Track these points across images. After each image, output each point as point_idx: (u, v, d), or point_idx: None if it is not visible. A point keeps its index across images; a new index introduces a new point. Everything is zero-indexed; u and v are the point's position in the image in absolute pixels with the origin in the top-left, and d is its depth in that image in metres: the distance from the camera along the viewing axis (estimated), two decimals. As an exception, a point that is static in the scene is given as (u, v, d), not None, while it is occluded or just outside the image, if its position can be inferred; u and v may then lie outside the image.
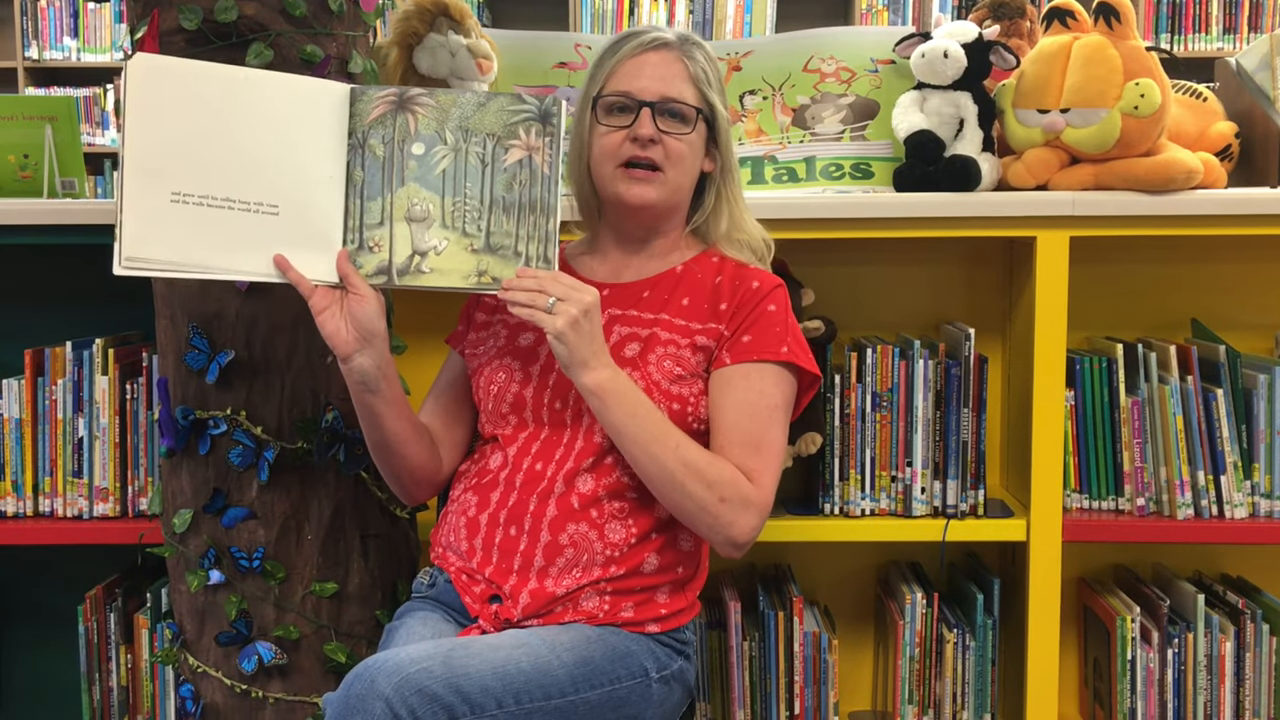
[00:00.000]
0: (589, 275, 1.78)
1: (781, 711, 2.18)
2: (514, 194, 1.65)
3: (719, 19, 5.33)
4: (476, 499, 1.71)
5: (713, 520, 1.61)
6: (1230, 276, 2.33)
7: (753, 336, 1.70)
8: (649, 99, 1.70)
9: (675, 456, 1.60)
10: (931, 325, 2.34)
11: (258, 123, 1.63)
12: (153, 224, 1.59)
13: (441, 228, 1.65)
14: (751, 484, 1.64)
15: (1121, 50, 2.06)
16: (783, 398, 1.70)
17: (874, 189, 2.21)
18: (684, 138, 1.71)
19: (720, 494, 1.61)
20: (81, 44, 5.67)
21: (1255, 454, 2.14)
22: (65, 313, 2.36)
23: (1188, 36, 5.30)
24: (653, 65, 1.71)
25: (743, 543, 1.64)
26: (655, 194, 1.71)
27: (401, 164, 1.65)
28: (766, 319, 1.71)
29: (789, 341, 1.71)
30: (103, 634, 2.20)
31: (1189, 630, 2.16)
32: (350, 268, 1.64)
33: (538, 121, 1.66)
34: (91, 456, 2.15)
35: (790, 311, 1.76)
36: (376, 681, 1.43)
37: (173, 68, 1.63)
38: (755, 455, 1.66)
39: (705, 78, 1.73)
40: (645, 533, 1.66)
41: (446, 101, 1.66)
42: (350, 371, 1.65)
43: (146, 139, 1.59)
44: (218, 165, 1.62)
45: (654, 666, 1.65)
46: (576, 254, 1.84)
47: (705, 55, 1.75)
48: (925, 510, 2.15)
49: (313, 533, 1.90)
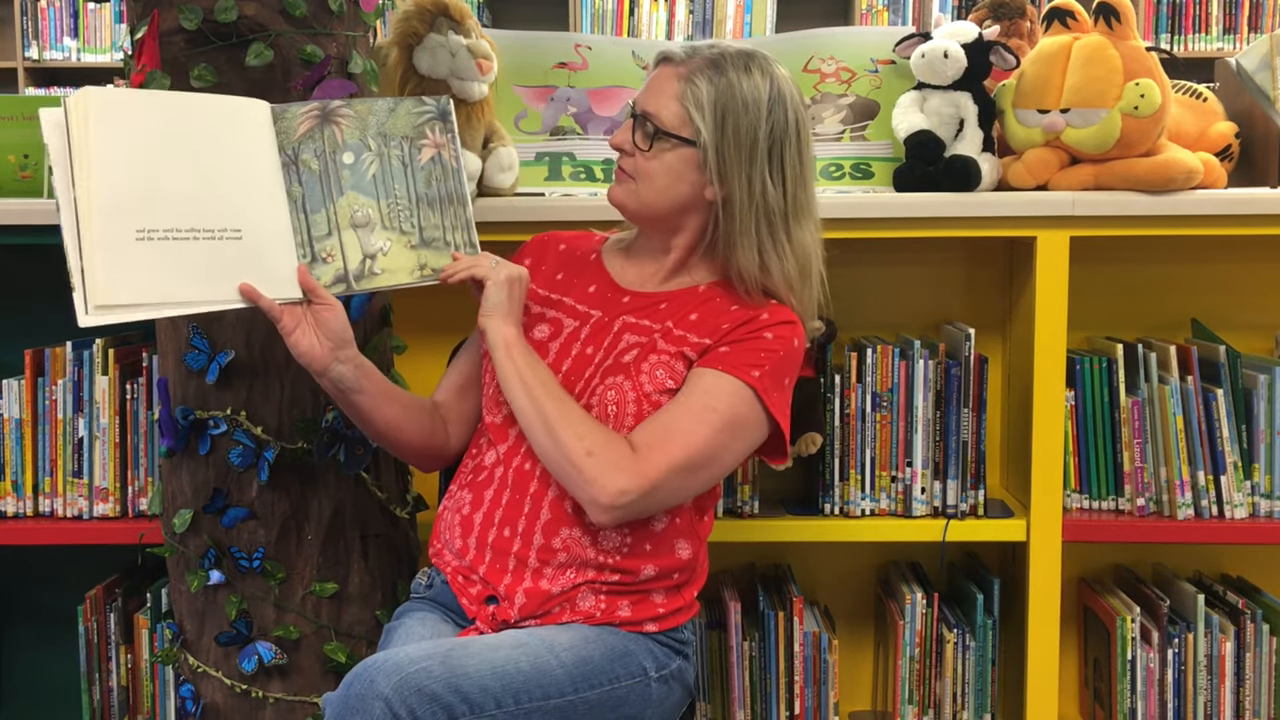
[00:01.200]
0: (616, 275, 1.77)
1: (781, 711, 2.18)
2: (433, 189, 1.74)
3: (719, 19, 5.33)
4: (471, 496, 1.71)
5: (576, 473, 1.56)
6: (1230, 276, 2.33)
7: (730, 350, 1.64)
8: (636, 110, 1.70)
9: (556, 407, 1.59)
10: (931, 325, 2.34)
11: (202, 148, 1.61)
12: (119, 266, 1.53)
13: (383, 229, 1.70)
14: (634, 454, 1.57)
15: (1121, 50, 2.06)
16: (727, 409, 1.60)
17: (874, 189, 2.21)
18: (650, 155, 1.66)
19: (588, 447, 1.56)
20: (81, 44, 5.67)
21: (1255, 454, 2.14)
22: (65, 313, 2.31)
23: (1188, 36, 5.30)
24: (655, 79, 1.70)
25: (605, 504, 1.55)
26: (623, 197, 1.71)
27: (336, 174, 1.69)
28: (755, 342, 1.64)
29: (767, 374, 1.62)
30: (103, 634, 2.20)
31: (1189, 630, 2.16)
32: (313, 280, 1.65)
33: (439, 120, 1.75)
34: (91, 456, 2.15)
35: (791, 358, 1.67)
36: (376, 681, 1.43)
37: (125, 100, 1.59)
38: (659, 436, 1.59)
39: (702, 104, 1.63)
40: (641, 542, 1.65)
41: (363, 110, 1.72)
42: (331, 383, 1.66)
43: (112, 177, 1.53)
44: (179, 196, 1.58)
45: (653, 666, 1.65)
46: (612, 249, 1.82)
47: (722, 82, 1.64)
48: (925, 510, 2.15)
49: (313, 533, 1.90)
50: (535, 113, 2.27)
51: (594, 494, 1.56)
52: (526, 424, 1.61)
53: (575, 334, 1.72)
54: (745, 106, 1.64)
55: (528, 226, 2.02)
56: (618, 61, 2.29)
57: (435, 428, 1.79)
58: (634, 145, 1.68)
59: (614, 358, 1.67)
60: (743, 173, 1.64)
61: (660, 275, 1.74)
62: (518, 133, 2.24)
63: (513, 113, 2.26)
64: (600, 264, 1.79)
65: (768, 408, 1.63)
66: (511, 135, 2.18)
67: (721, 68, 1.65)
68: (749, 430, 1.64)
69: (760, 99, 1.64)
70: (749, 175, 1.65)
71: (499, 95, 2.18)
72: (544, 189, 2.23)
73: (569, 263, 1.81)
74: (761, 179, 1.65)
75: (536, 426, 1.60)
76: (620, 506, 1.56)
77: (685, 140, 1.65)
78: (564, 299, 1.76)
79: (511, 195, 2.12)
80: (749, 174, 1.65)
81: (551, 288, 1.79)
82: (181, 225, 1.57)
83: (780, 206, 1.66)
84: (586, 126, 2.27)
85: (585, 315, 1.73)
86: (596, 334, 1.71)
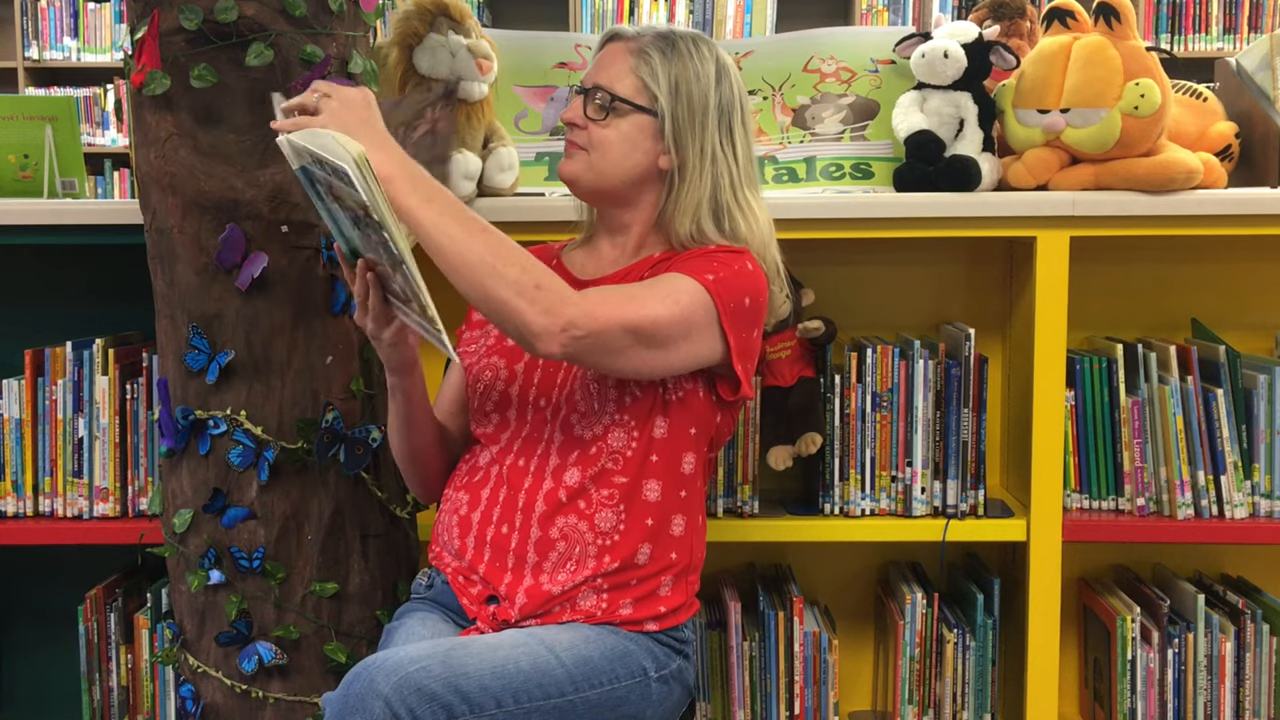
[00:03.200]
0: (577, 272, 1.79)
1: (781, 711, 2.18)
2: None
3: (719, 19, 5.33)
4: (468, 497, 1.71)
5: (527, 304, 1.51)
6: (1230, 276, 2.33)
7: (686, 260, 1.68)
8: (585, 85, 1.75)
9: (486, 240, 1.53)
10: (931, 325, 2.34)
11: None
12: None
13: None
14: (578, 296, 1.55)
15: (1121, 50, 2.06)
16: (688, 302, 1.60)
17: (874, 189, 2.21)
18: (605, 124, 1.71)
19: (536, 280, 1.52)
20: (81, 44, 5.67)
21: (1255, 454, 2.14)
22: (65, 313, 2.36)
23: (1188, 36, 5.30)
24: (604, 54, 1.76)
25: (556, 331, 1.52)
26: (577, 169, 1.74)
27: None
28: (708, 255, 1.68)
29: (721, 281, 1.63)
30: (103, 634, 2.20)
31: (1189, 630, 2.16)
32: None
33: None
34: (91, 456, 2.15)
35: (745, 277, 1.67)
36: (376, 681, 1.43)
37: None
38: (617, 296, 1.59)
39: (656, 74, 1.70)
40: (636, 518, 1.66)
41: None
42: (392, 352, 1.67)
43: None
44: None
45: (653, 666, 1.65)
46: (573, 248, 1.85)
47: (674, 55, 1.71)
48: (925, 510, 2.15)
49: (313, 533, 1.90)
50: (535, 113, 2.27)
51: (546, 323, 1.51)
52: (453, 266, 1.52)
53: None
54: (697, 77, 1.72)
55: (528, 227, 2.02)
56: (618, 61, 2.29)
57: (454, 455, 1.83)
58: (586, 118, 1.72)
59: None
60: (696, 140, 1.72)
61: (621, 258, 1.78)
62: (518, 133, 2.24)
63: (513, 113, 2.26)
64: (561, 266, 1.81)
65: (721, 320, 1.64)
66: (511, 135, 2.18)
67: (672, 41, 1.74)
68: (703, 335, 1.64)
69: (709, 72, 1.73)
70: (702, 142, 1.72)
71: (499, 95, 2.18)
72: (544, 189, 2.23)
73: None
74: (714, 145, 1.72)
75: (469, 264, 1.51)
76: (572, 336, 1.52)
77: (642, 108, 1.71)
78: None
79: (511, 195, 2.13)
80: (702, 141, 1.72)
81: None
82: None
83: (732, 172, 1.73)
84: (586, 126, 2.27)
85: None
86: None
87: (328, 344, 1.87)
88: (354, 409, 1.92)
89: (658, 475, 1.68)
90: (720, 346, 1.66)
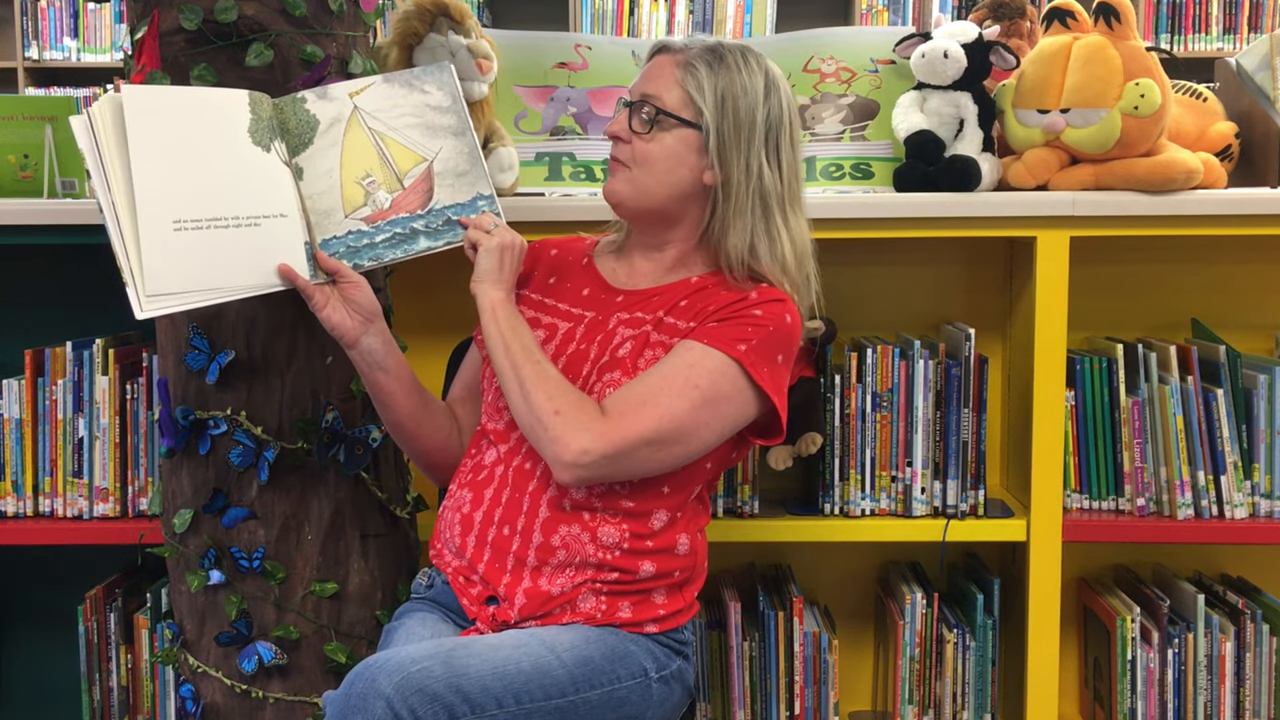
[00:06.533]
0: (608, 276, 1.77)
1: (781, 711, 2.18)
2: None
3: (719, 19, 5.33)
4: (471, 495, 1.71)
5: (542, 431, 1.57)
6: (1230, 276, 2.33)
7: (717, 326, 1.63)
8: (631, 98, 1.72)
9: (533, 368, 1.60)
10: (931, 325, 2.34)
11: (220, 138, 1.67)
12: (163, 256, 1.59)
13: (388, 193, 1.73)
14: (604, 417, 1.57)
15: (1121, 50, 2.06)
16: (708, 384, 1.59)
17: (874, 189, 2.21)
18: (649, 138, 1.68)
19: (556, 406, 1.57)
20: (81, 44, 5.67)
21: (1255, 454, 2.14)
22: (65, 313, 2.36)
23: (1188, 36, 5.30)
24: (651, 67, 1.73)
25: (567, 461, 1.55)
26: (620, 188, 1.71)
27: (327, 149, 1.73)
28: (743, 319, 1.64)
29: (754, 348, 1.61)
30: (103, 634, 2.20)
31: (1189, 630, 2.16)
32: (334, 262, 1.71)
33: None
34: (91, 456, 2.15)
35: (783, 333, 1.65)
36: (377, 681, 1.43)
37: (158, 97, 1.67)
38: (632, 405, 1.58)
39: (702, 87, 1.66)
40: (640, 540, 1.64)
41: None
42: (361, 355, 1.70)
43: (150, 170, 1.60)
44: (206, 185, 1.64)
45: (653, 666, 1.65)
46: (603, 252, 1.83)
47: (721, 68, 1.67)
48: (925, 510, 2.15)
49: (313, 533, 1.90)
50: (535, 113, 2.27)
51: (558, 451, 1.56)
52: (505, 387, 1.62)
53: (570, 335, 1.72)
54: (744, 91, 1.68)
55: (528, 227, 2.02)
56: (618, 61, 2.29)
57: (452, 430, 1.83)
58: (631, 131, 1.70)
59: (610, 354, 1.67)
60: (741, 156, 1.67)
61: (657, 272, 1.75)
62: (518, 133, 2.24)
63: (513, 113, 2.26)
64: (592, 267, 1.80)
65: (756, 382, 1.62)
66: (511, 135, 2.18)
67: (720, 55, 1.69)
68: (731, 407, 1.63)
69: (758, 86, 1.69)
70: (747, 158, 1.68)
71: (499, 95, 2.18)
72: (544, 189, 2.23)
73: (561, 268, 1.81)
74: (759, 162, 1.68)
75: (513, 388, 1.61)
76: (583, 465, 1.55)
77: (687, 122, 1.68)
78: (558, 304, 1.77)
79: (511, 195, 2.13)
80: (747, 157, 1.68)
81: (545, 293, 1.79)
82: (212, 214, 1.63)
83: (776, 190, 1.69)
84: (586, 126, 2.27)
85: (579, 317, 1.73)
86: (591, 333, 1.71)
87: (328, 344, 1.87)
88: (354, 409, 1.92)
89: (667, 506, 1.67)
90: (754, 403, 1.64)
